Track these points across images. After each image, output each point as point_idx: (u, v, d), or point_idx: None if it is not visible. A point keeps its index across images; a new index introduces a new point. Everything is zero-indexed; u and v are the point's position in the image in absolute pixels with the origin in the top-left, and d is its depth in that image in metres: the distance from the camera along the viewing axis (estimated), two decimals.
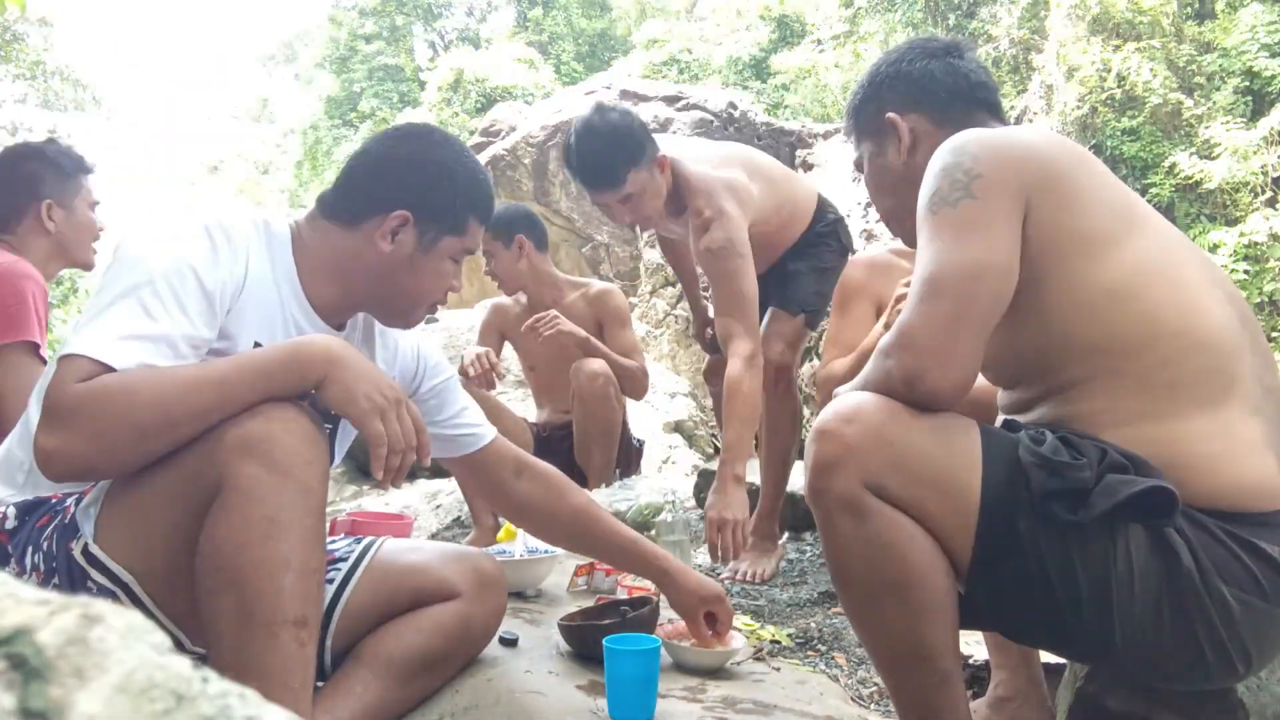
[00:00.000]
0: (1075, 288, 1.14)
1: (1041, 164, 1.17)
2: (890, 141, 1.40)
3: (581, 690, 1.47)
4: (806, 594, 2.32)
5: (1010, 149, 1.18)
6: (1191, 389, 1.11)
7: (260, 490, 1.06)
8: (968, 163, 1.16)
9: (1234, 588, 1.04)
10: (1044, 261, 1.14)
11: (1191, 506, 1.08)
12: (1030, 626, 1.16)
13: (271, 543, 1.05)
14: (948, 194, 1.16)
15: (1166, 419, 1.10)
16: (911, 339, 1.10)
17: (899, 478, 1.07)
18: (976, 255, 1.11)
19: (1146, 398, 1.11)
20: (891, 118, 1.38)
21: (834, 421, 1.11)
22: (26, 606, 0.32)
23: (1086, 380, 1.14)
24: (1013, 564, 1.07)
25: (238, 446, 1.07)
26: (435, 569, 1.45)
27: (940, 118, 1.37)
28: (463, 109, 18.18)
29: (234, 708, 0.32)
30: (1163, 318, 1.12)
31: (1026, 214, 1.15)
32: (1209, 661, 1.06)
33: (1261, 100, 8.76)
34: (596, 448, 2.92)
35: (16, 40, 15.85)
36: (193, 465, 1.10)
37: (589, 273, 6.94)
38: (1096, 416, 1.13)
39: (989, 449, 1.09)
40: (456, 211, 1.35)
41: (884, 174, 1.43)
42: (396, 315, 1.41)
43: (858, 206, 5.06)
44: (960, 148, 1.19)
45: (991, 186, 1.14)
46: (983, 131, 1.22)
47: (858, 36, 12.95)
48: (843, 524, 1.10)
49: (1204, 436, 1.09)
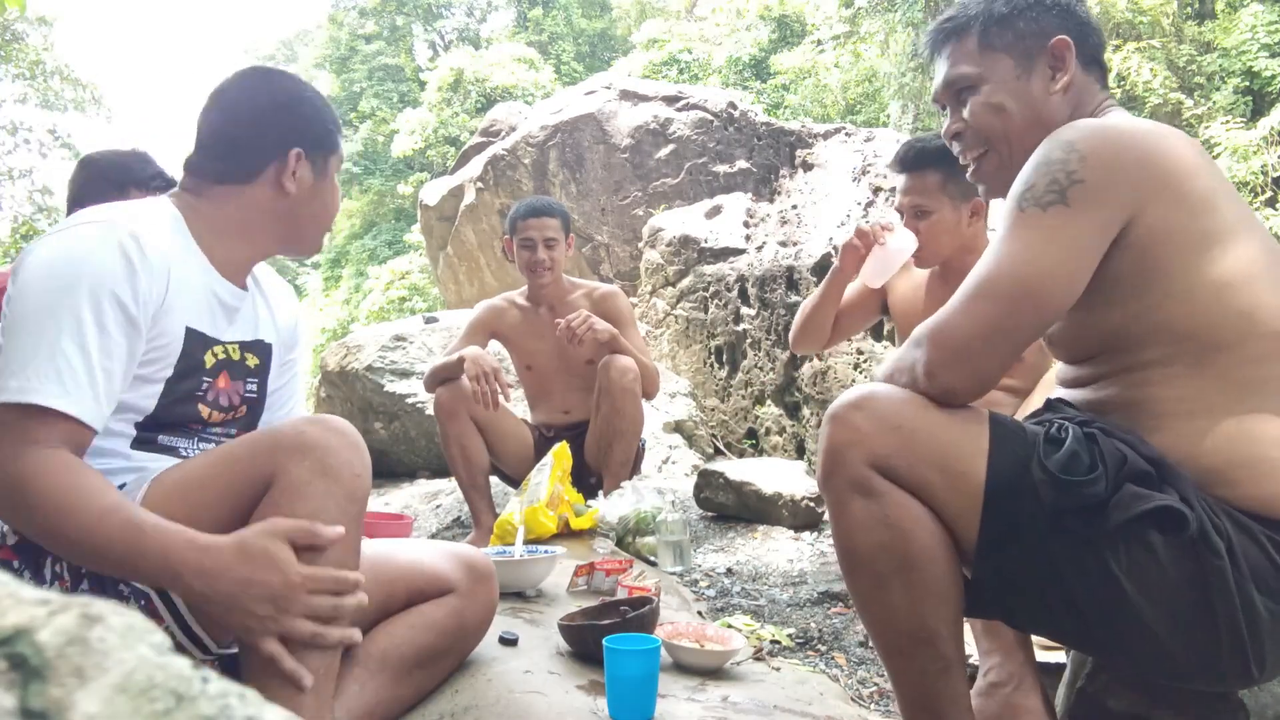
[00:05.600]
0: (1185, 276, 1.11)
1: (1160, 166, 1.11)
2: (1040, 69, 1.27)
3: (581, 690, 1.47)
4: (806, 594, 2.32)
5: (1127, 152, 1.11)
6: (1270, 391, 1.09)
7: (309, 489, 1.11)
8: (1074, 163, 1.10)
9: (1267, 597, 1.03)
10: (1155, 253, 1.10)
11: (1240, 509, 1.07)
12: (1038, 614, 1.15)
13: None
14: (1042, 193, 1.10)
15: (1241, 416, 1.09)
16: (947, 337, 1.10)
17: (906, 460, 1.08)
18: (1043, 271, 1.08)
19: (1226, 393, 1.09)
20: (1065, 41, 1.25)
21: (844, 408, 1.12)
22: (26, 606, 0.32)
23: (1167, 364, 1.12)
24: (1018, 550, 1.07)
25: (294, 448, 1.12)
26: (429, 565, 1.46)
27: (1090, 66, 1.28)
28: (463, 109, 18.18)
29: (234, 708, 0.32)
30: (1260, 317, 1.10)
31: (1135, 217, 1.10)
32: (1224, 663, 1.05)
33: (1261, 100, 8.76)
34: (620, 445, 2.87)
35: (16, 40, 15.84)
36: (244, 466, 1.14)
37: (589, 273, 6.94)
38: (1170, 403, 1.11)
39: (997, 436, 1.09)
40: (329, 131, 1.41)
41: (1017, 100, 1.27)
42: (308, 243, 1.45)
43: (857, 206, 5.06)
44: (1071, 143, 1.11)
45: (1091, 195, 1.09)
46: (1100, 125, 1.15)
47: (858, 37, 12.95)
48: (853, 504, 1.10)
49: (1273, 440, 1.08)
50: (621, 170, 7.17)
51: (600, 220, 7.14)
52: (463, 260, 8.43)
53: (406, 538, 2.43)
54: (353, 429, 1.19)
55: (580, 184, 7.27)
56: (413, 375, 4.33)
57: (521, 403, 3.99)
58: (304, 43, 27.12)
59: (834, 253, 4.70)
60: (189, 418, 1.32)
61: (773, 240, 5.06)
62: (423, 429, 4.19)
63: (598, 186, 7.23)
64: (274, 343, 1.47)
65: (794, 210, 5.45)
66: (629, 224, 6.99)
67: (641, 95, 7.52)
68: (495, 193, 7.72)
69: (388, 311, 15.62)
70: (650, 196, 7.02)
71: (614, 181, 7.18)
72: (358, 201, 20.84)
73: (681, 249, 5.25)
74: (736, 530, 2.94)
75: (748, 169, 6.82)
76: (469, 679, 1.47)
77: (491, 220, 7.85)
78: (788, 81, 13.82)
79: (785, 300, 4.60)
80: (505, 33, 22.52)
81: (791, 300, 4.56)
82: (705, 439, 4.61)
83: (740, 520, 3.01)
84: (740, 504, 3.02)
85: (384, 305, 16.21)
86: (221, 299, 1.35)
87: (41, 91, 16.38)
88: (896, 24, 11.77)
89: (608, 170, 7.21)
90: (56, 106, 16.72)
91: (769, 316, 4.67)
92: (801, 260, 4.71)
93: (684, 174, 7.02)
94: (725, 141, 7.04)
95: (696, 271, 5.10)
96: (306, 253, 1.48)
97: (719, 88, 11.29)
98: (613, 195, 7.18)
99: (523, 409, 3.43)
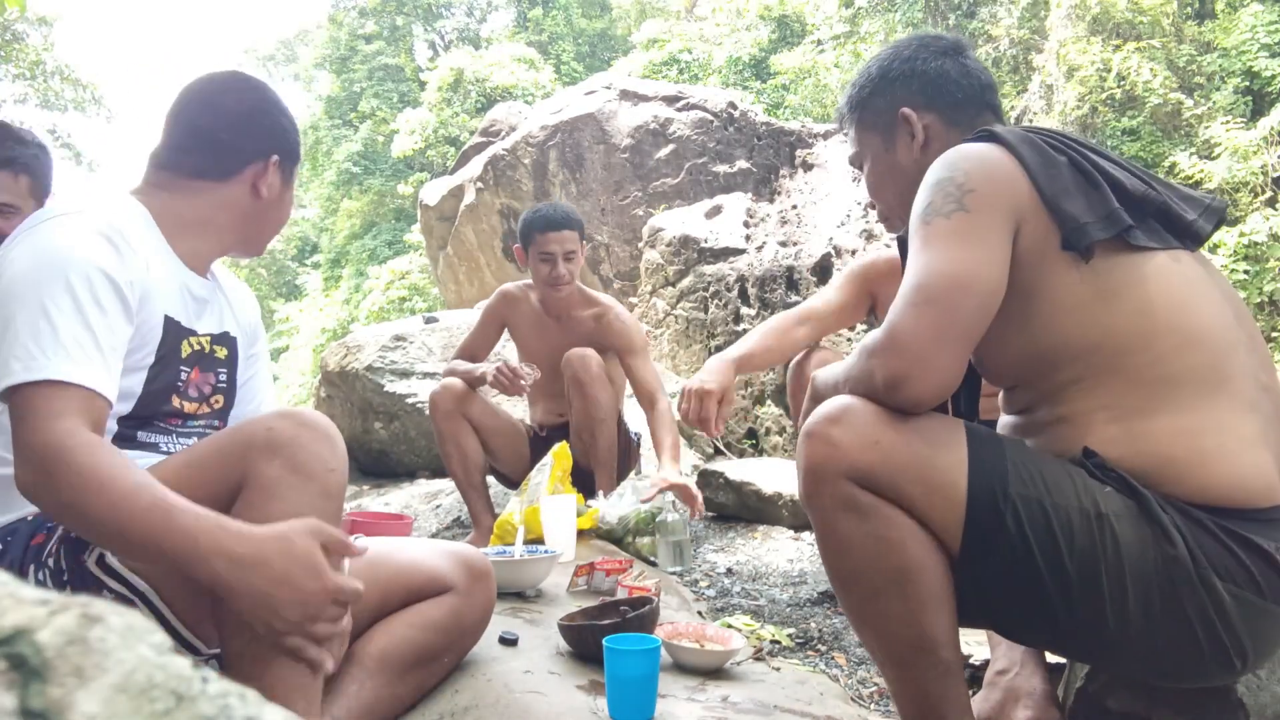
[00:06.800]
0: (1064, 295, 1.15)
1: (1024, 183, 1.18)
2: (901, 138, 1.40)
3: (581, 690, 1.47)
4: (806, 594, 2.32)
5: (1000, 168, 1.18)
6: (1185, 385, 1.11)
7: (282, 489, 1.09)
8: (960, 177, 1.17)
9: (1229, 583, 1.05)
10: (1033, 273, 1.16)
11: (1185, 502, 1.08)
12: (1022, 620, 1.17)
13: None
14: (941, 205, 1.16)
15: (1160, 415, 1.11)
16: (899, 344, 1.10)
17: (886, 474, 1.09)
18: (967, 266, 1.12)
19: (1140, 394, 1.12)
20: (907, 113, 1.39)
21: (821, 424, 1.12)
22: (26, 606, 0.32)
23: (1081, 380, 1.15)
24: (1001, 558, 1.07)
25: (264, 446, 1.10)
26: (427, 565, 1.46)
27: (952, 117, 1.38)
28: (463, 109, 18.18)
29: (234, 708, 0.32)
30: (1156, 315, 1.13)
31: (1020, 227, 1.16)
32: (1205, 656, 1.07)
33: (1261, 100, 8.76)
34: (601, 431, 2.84)
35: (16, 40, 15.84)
36: (215, 469, 1.12)
37: (589, 273, 6.94)
38: (1090, 414, 1.14)
39: (975, 446, 1.10)
40: (298, 144, 1.47)
41: (891, 171, 1.43)
42: (260, 245, 1.50)
43: (857, 206, 5.06)
44: (953, 163, 1.20)
45: (984, 201, 1.15)
46: (974, 149, 1.23)
47: (858, 37, 12.95)
48: (840, 522, 1.11)
49: (1198, 432, 1.10)
50: (621, 170, 7.17)
51: (600, 220, 7.14)
52: (463, 260, 8.43)
53: (406, 537, 2.43)
54: (325, 420, 1.17)
55: (580, 184, 7.27)
56: (413, 375, 4.33)
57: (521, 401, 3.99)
58: (304, 43, 27.11)
59: (834, 253, 4.71)
60: (167, 412, 1.32)
61: (773, 240, 5.07)
62: (423, 429, 4.19)
63: (598, 186, 7.23)
64: (238, 336, 1.48)
65: (794, 210, 5.45)
66: (629, 224, 6.99)
67: (641, 95, 7.52)
68: (495, 193, 7.71)
69: (388, 311, 15.62)
70: (650, 196, 7.03)
71: (614, 181, 7.19)
72: (358, 201, 20.83)
73: (681, 249, 5.25)
74: (736, 530, 2.94)
75: (748, 169, 6.82)
76: (469, 679, 1.47)
77: (491, 220, 7.85)
78: (788, 81, 13.82)
79: (785, 300, 4.60)
80: (505, 33, 22.52)
81: (791, 300, 4.56)
82: (705, 439, 4.61)
83: (740, 520, 3.01)
84: (740, 504, 3.02)
85: (384, 305, 16.20)
86: (192, 291, 1.36)
87: (41, 91, 16.38)
88: (896, 24, 11.77)
89: (608, 170, 7.21)
90: (56, 106, 16.72)
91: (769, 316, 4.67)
92: (801, 260, 4.71)
93: (684, 174, 7.02)
94: (725, 141, 7.04)
95: (696, 271, 5.10)
96: (253, 253, 1.52)
97: (719, 88, 11.28)
98: (613, 195, 7.18)
99: (520, 409, 3.43)
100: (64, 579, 1.15)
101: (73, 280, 1.13)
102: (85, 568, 1.15)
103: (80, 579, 1.15)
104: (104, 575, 1.14)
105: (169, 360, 1.30)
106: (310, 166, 22.36)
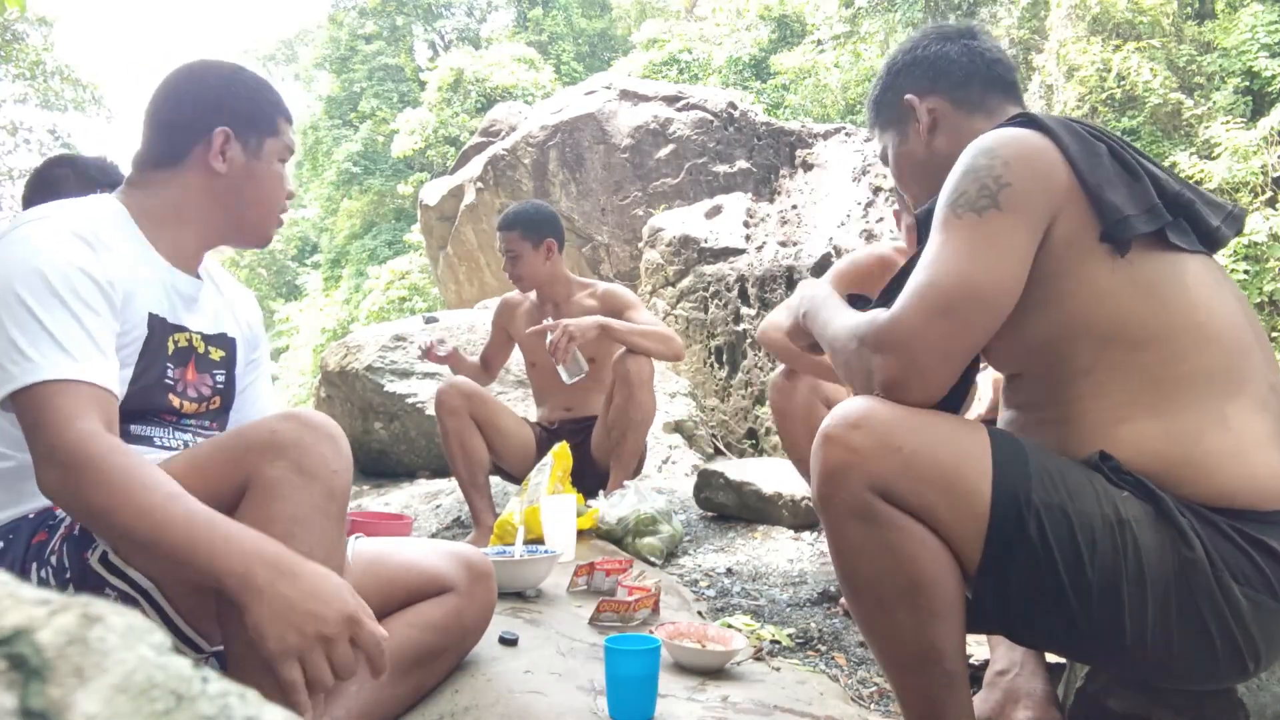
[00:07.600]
0: (1091, 282, 1.13)
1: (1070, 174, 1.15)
2: (911, 127, 1.41)
3: (581, 690, 1.47)
4: (806, 594, 2.32)
5: (1041, 157, 1.15)
6: (1200, 385, 1.10)
7: (286, 489, 1.08)
8: (999, 168, 1.13)
9: (1244, 585, 1.04)
10: (1062, 262, 1.14)
11: (1200, 504, 1.07)
12: (1039, 628, 1.15)
13: (294, 540, 1.06)
14: (974, 199, 1.13)
15: (1175, 415, 1.10)
16: (904, 348, 1.09)
17: (907, 483, 1.06)
18: (990, 277, 1.09)
19: (1155, 393, 1.11)
20: (909, 99, 1.40)
21: (840, 427, 1.09)
22: (26, 606, 0.32)
23: (1091, 372, 1.13)
24: (1022, 566, 1.06)
25: (267, 448, 1.10)
26: (427, 564, 1.46)
27: (958, 97, 1.37)
28: (463, 109, 18.18)
29: (234, 708, 0.32)
30: (1177, 312, 1.12)
31: (1056, 218, 1.13)
32: (1219, 659, 1.06)
33: (1261, 100, 8.75)
34: (633, 435, 2.87)
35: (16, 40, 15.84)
36: (217, 471, 1.11)
37: (589, 273, 6.94)
38: (1104, 413, 1.12)
39: (999, 452, 1.08)
40: (265, 114, 1.39)
41: (908, 160, 1.43)
42: (253, 231, 1.43)
43: (857, 206, 5.06)
44: (992, 150, 1.16)
45: (1020, 200, 1.12)
46: (1015, 134, 1.18)
47: (858, 36, 12.95)
48: (852, 530, 1.09)
49: (1212, 433, 1.09)
50: (621, 170, 7.16)
51: (600, 220, 7.14)
52: (463, 260, 8.43)
53: (406, 537, 2.43)
54: (329, 421, 1.16)
55: (580, 184, 7.27)
56: (413, 375, 4.33)
57: (524, 402, 3.99)
58: (304, 43, 27.11)
59: (834, 253, 4.71)
60: (161, 408, 1.32)
61: (773, 240, 5.07)
62: (423, 429, 4.19)
63: (598, 186, 7.23)
64: (237, 338, 1.47)
65: (794, 210, 5.45)
66: (629, 224, 6.99)
67: (641, 95, 7.52)
68: (495, 193, 7.71)
69: (388, 311, 15.62)
70: (650, 196, 7.02)
71: (614, 181, 7.18)
72: (358, 201, 20.83)
73: (681, 249, 5.25)
74: (736, 530, 2.94)
75: (748, 169, 6.82)
76: (469, 679, 1.47)
77: (491, 220, 7.84)
78: (788, 81, 13.82)
79: (785, 300, 4.60)
80: (505, 33, 22.52)
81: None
82: (705, 439, 4.61)
83: (740, 520, 3.01)
84: (740, 504, 3.02)
85: (384, 305, 16.21)
86: (178, 288, 1.35)
87: (41, 91, 16.38)
88: (896, 24, 11.77)
89: (608, 170, 7.21)
90: (56, 106, 16.72)
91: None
92: (801, 260, 4.72)
93: (684, 174, 7.02)
94: (725, 141, 7.04)
95: (696, 271, 5.10)
96: (253, 242, 1.45)
97: (719, 88, 11.28)
98: (613, 195, 7.17)
99: (524, 409, 3.43)
100: (66, 576, 1.15)
101: (54, 282, 1.12)
102: (88, 565, 1.15)
103: (83, 576, 1.15)
104: (106, 572, 1.14)
105: (155, 357, 1.30)
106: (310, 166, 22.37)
